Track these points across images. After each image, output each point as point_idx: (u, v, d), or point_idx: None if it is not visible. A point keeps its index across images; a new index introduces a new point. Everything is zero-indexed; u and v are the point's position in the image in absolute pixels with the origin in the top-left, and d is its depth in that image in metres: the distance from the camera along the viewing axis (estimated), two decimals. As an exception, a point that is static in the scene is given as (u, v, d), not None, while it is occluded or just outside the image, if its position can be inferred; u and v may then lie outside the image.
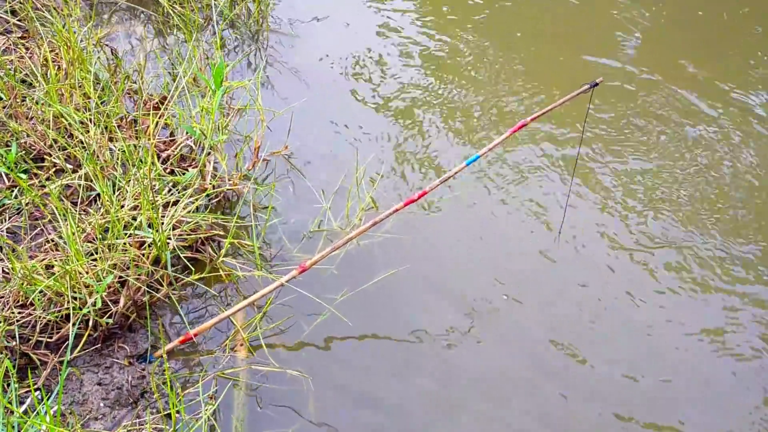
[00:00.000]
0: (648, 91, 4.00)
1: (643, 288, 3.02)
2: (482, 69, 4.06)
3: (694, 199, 3.42)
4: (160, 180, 2.75)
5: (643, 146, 3.67)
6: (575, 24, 4.55)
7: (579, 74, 4.03)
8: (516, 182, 3.40)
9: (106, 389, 2.40)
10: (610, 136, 3.70)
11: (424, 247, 3.11)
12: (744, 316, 2.96)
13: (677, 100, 3.95)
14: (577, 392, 2.69)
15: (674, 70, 4.20)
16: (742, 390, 2.74)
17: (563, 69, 4.19)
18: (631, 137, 3.72)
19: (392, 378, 2.70)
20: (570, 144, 3.59)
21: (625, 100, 3.94)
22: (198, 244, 2.81)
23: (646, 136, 3.73)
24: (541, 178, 3.44)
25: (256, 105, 3.11)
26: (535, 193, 3.36)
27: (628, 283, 3.03)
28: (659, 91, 4.01)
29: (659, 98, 3.96)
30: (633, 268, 3.10)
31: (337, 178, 3.26)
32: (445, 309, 2.90)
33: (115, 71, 3.28)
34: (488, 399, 2.66)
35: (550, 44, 4.37)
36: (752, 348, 2.86)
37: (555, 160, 3.54)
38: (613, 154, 3.60)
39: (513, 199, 3.32)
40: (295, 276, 2.58)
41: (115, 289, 2.51)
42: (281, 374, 2.61)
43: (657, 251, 3.16)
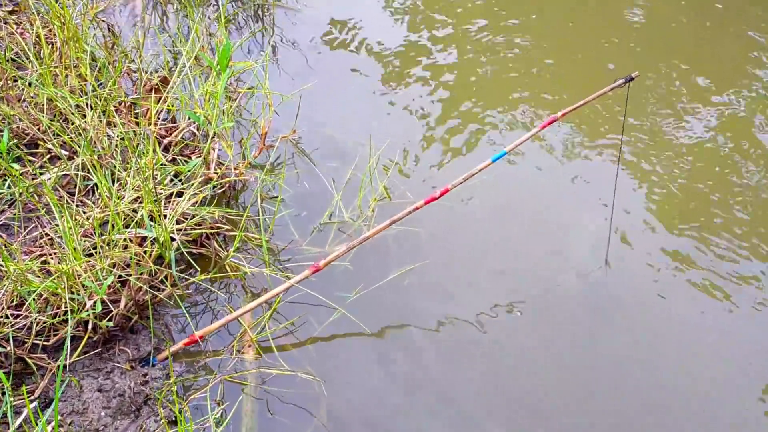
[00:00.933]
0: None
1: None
2: (514, 51, 3.86)
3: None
4: (162, 170, 2.57)
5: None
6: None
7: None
8: (540, 177, 3.24)
9: (107, 396, 2.26)
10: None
11: (441, 241, 2.95)
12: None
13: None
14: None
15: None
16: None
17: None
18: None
19: (408, 380, 2.57)
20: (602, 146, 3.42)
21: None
22: (203, 238, 2.65)
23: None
24: (567, 175, 3.27)
25: (264, 88, 2.91)
26: (562, 191, 3.19)
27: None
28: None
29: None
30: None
31: (347, 165, 3.09)
32: (461, 309, 2.75)
33: (112, 49, 3.08)
34: (506, 411, 2.52)
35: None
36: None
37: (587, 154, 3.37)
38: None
39: (538, 195, 3.15)
40: (307, 276, 2.43)
41: (115, 288, 2.36)
42: (291, 377, 2.48)
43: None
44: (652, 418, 2.49)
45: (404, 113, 3.48)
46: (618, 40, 4.02)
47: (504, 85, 3.67)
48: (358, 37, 3.87)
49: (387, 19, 4.03)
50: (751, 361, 2.64)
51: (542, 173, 3.25)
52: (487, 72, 3.75)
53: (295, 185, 3.04)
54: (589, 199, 3.15)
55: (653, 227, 3.05)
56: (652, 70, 3.81)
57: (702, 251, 2.96)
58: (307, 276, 2.43)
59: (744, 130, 3.54)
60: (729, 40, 4.12)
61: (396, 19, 4.03)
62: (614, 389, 2.56)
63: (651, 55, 3.94)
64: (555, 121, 2.49)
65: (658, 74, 3.80)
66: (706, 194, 3.19)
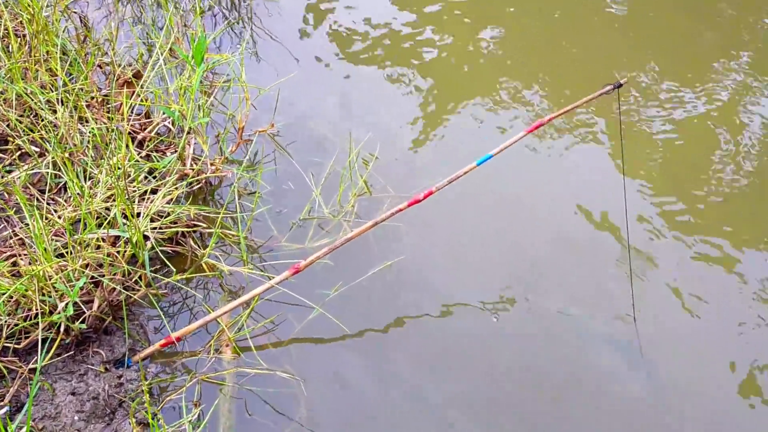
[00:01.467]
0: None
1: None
2: (500, 47, 3.81)
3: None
4: (136, 167, 2.51)
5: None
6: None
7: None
8: (522, 173, 3.20)
9: (80, 399, 2.21)
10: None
11: (422, 236, 2.92)
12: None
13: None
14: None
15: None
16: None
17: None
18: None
19: (389, 379, 2.54)
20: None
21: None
22: (178, 236, 2.60)
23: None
24: (553, 165, 3.24)
25: (240, 81, 2.85)
26: (547, 185, 3.16)
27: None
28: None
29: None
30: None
31: (328, 159, 3.03)
32: (443, 305, 2.72)
33: (83, 42, 3.00)
34: (487, 410, 2.50)
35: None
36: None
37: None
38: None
39: (522, 190, 3.12)
40: (287, 278, 2.38)
41: (88, 289, 2.30)
42: (270, 376, 2.44)
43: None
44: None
45: (387, 106, 3.43)
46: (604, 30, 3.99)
47: (491, 79, 3.62)
48: (339, 26, 3.81)
49: (371, 7, 3.96)
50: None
51: (525, 166, 3.22)
52: (474, 66, 3.71)
53: (275, 181, 2.99)
54: (576, 190, 3.13)
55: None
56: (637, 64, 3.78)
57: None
58: (287, 277, 2.39)
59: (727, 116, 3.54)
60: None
61: (382, 7, 3.97)
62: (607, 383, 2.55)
63: (637, 48, 3.92)
64: (542, 126, 2.46)
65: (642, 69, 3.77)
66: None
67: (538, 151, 3.28)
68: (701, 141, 3.43)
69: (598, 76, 3.65)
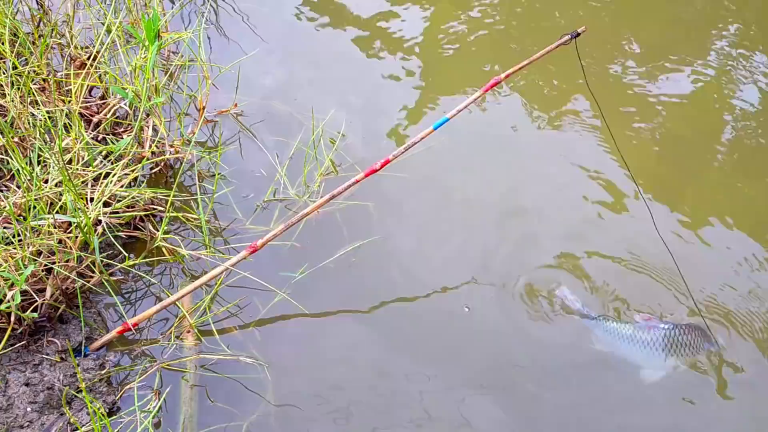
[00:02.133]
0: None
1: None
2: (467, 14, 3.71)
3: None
4: (89, 150, 2.43)
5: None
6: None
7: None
8: (490, 143, 3.13)
9: (34, 390, 2.15)
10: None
11: (391, 214, 2.84)
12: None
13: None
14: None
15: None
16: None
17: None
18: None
19: (356, 359, 2.48)
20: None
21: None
22: (137, 220, 2.52)
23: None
24: (516, 139, 3.17)
25: (198, 60, 2.77)
26: (513, 154, 3.09)
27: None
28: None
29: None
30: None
31: (293, 138, 2.95)
32: (412, 286, 2.65)
33: (39, 24, 2.91)
34: (452, 385, 2.44)
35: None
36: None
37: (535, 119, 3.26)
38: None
39: (486, 160, 3.05)
40: (245, 257, 2.31)
41: (39, 277, 2.23)
42: (235, 362, 2.38)
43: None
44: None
45: (354, 84, 3.35)
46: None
47: (464, 54, 3.54)
48: (307, 4, 3.72)
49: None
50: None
51: (492, 138, 3.15)
52: (449, 41, 3.62)
53: (240, 162, 2.92)
54: (547, 165, 3.06)
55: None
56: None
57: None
58: (245, 257, 2.32)
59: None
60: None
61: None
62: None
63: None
64: (498, 84, 2.37)
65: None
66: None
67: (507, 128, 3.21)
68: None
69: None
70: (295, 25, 3.59)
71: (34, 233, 2.24)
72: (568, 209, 2.94)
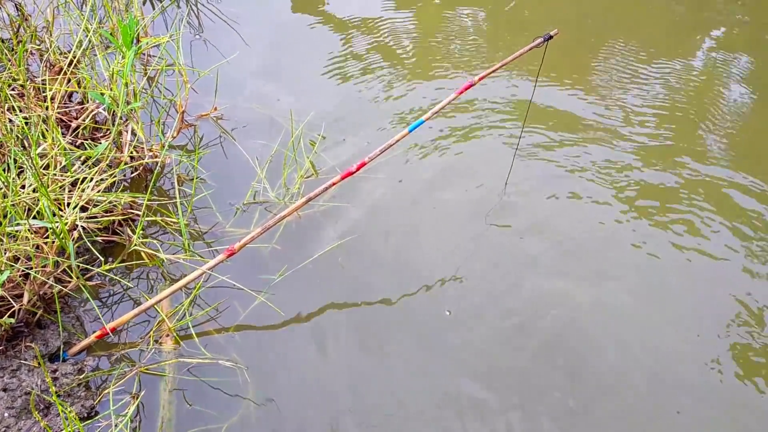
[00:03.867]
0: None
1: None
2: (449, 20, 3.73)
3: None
4: (66, 155, 2.43)
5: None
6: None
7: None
8: (464, 142, 3.13)
9: (12, 396, 2.15)
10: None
11: (371, 214, 2.85)
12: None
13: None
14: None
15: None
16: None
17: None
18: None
19: (338, 361, 2.48)
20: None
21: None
22: (115, 225, 2.53)
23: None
24: (488, 138, 3.18)
25: (176, 65, 2.78)
26: (485, 155, 3.10)
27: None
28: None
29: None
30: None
31: (274, 141, 2.96)
32: (394, 287, 2.66)
33: (18, 31, 2.91)
34: (430, 386, 2.44)
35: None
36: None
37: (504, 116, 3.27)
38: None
39: (464, 160, 3.06)
40: (222, 261, 2.32)
41: (17, 282, 2.23)
42: (214, 365, 2.38)
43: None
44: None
45: (334, 85, 3.36)
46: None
47: (445, 59, 3.55)
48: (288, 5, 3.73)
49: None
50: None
51: (472, 141, 3.16)
52: (430, 46, 3.63)
53: (220, 165, 2.92)
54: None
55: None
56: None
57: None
58: (222, 260, 2.33)
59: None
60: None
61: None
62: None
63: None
64: (472, 86, 2.38)
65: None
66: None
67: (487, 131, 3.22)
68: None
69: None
70: (278, 29, 3.60)
71: (11, 239, 2.25)
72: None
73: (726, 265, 2.71)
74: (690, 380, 2.36)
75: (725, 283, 2.65)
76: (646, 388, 2.35)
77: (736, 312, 2.55)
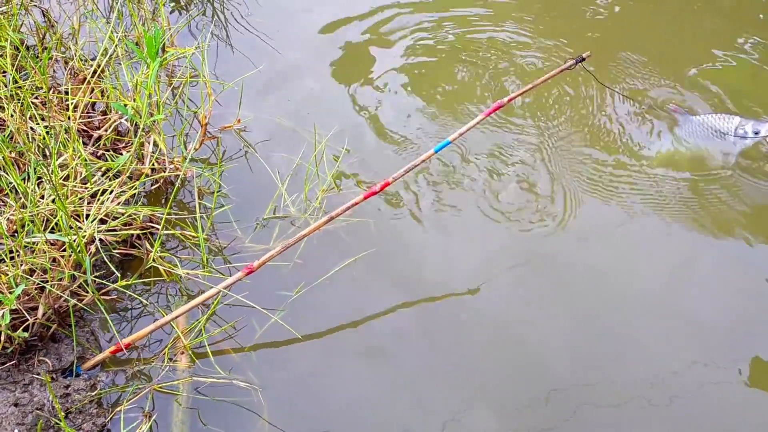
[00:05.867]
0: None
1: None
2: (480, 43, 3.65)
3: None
4: (87, 166, 2.40)
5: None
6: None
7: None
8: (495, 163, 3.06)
9: (23, 411, 2.11)
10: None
11: (393, 231, 2.79)
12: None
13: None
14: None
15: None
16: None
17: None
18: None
19: (354, 383, 2.42)
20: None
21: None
22: (134, 238, 2.49)
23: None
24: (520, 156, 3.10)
25: (201, 76, 2.74)
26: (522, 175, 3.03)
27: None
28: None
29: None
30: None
31: (296, 154, 2.91)
32: (413, 303, 2.59)
33: (44, 38, 2.90)
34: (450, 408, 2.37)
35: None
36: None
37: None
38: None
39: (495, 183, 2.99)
40: (240, 278, 2.27)
41: (32, 295, 2.20)
42: (229, 384, 2.33)
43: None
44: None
45: (361, 99, 3.30)
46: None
47: (471, 73, 3.48)
48: (317, 16, 3.68)
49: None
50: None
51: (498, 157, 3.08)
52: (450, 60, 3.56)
53: (243, 179, 2.88)
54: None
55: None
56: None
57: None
58: (240, 278, 2.28)
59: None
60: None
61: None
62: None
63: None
64: (501, 107, 2.32)
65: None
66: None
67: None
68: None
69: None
70: (304, 40, 3.56)
71: (28, 251, 2.22)
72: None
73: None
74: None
75: None
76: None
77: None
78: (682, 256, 2.81)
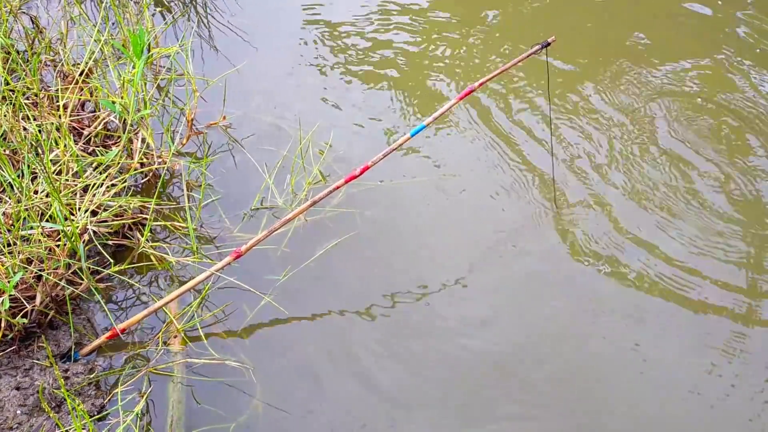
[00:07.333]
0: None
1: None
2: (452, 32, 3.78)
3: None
4: (78, 161, 2.50)
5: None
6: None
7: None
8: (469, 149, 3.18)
9: (24, 394, 2.20)
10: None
11: (379, 220, 2.90)
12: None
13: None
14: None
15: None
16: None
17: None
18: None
19: (343, 362, 2.52)
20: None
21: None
22: (125, 229, 2.59)
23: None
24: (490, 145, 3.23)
25: (185, 73, 2.85)
26: (497, 163, 3.15)
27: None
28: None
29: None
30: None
31: (282, 149, 3.02)
32: (400, 287, 2.70)
33: (33, 43, 3.00)
34: (449, 396, 2.48)
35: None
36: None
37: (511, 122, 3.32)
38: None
39: (476, 171, 3.11)
40: (229, 263, 2.37)
41: (30, 284, 2.30)
42: (222, 366, 2.43)
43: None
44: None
45: (343, 95, 3.42)
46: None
47: (453, 67, 3.61)
48: (298, 15, 3.80)
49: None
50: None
51: (477, 149, 3.21)
52: (438, 51, 3.68)
53: (228, 172, 2.98)
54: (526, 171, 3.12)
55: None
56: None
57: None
58: (229, 263, 2.38)
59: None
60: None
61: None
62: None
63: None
64: (472, 92, 2.43)
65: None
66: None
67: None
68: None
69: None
70: (287, 39, 3.68)
71: (25, 242, 2.31)
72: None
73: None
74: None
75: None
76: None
77: None
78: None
